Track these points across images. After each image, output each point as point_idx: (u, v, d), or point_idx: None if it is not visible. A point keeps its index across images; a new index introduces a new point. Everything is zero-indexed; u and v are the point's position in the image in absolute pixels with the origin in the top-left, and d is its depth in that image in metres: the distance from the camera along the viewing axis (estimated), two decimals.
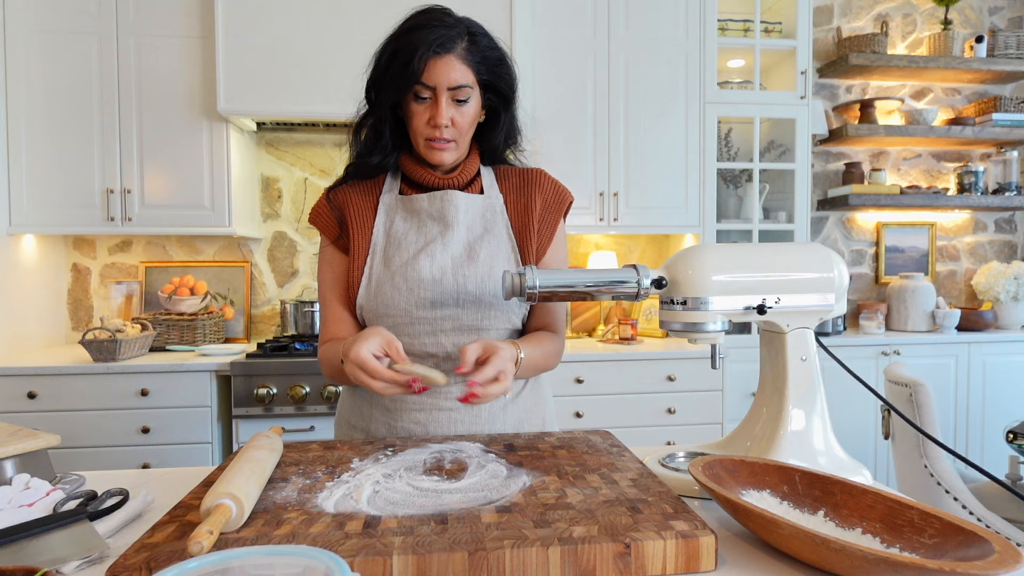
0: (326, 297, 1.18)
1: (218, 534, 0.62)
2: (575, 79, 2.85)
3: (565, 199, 1.21)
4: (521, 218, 1.17)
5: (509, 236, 1.16)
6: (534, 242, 1.16)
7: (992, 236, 3.67)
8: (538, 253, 1.17)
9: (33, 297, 2.73)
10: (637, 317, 3.08)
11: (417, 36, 1.03)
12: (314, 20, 2.51)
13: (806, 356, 0.90)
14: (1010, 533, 1.81)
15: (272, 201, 3.05)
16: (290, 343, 2.54)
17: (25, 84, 2.54)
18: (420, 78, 1.04)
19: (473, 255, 1.12)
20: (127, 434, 2.36)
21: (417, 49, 1.02)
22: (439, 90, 1.05)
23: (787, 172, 3.12)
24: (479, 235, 1.14)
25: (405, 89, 1.06)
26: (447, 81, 1.04)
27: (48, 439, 0.92)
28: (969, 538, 0.62)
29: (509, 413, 1.17)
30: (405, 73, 1.04)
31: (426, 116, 1.07)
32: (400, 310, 1.10)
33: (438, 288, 1.09)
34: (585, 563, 0.62)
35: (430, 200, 1.13)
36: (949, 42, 3.37)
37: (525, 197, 1.18)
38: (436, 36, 1.03)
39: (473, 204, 1.15)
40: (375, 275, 1.12)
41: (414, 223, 1.14)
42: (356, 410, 1.19)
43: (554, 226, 1.19)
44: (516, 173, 1.21)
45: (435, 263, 1.10)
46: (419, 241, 1.13)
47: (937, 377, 3.08)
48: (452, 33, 1.04)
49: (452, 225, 1.12)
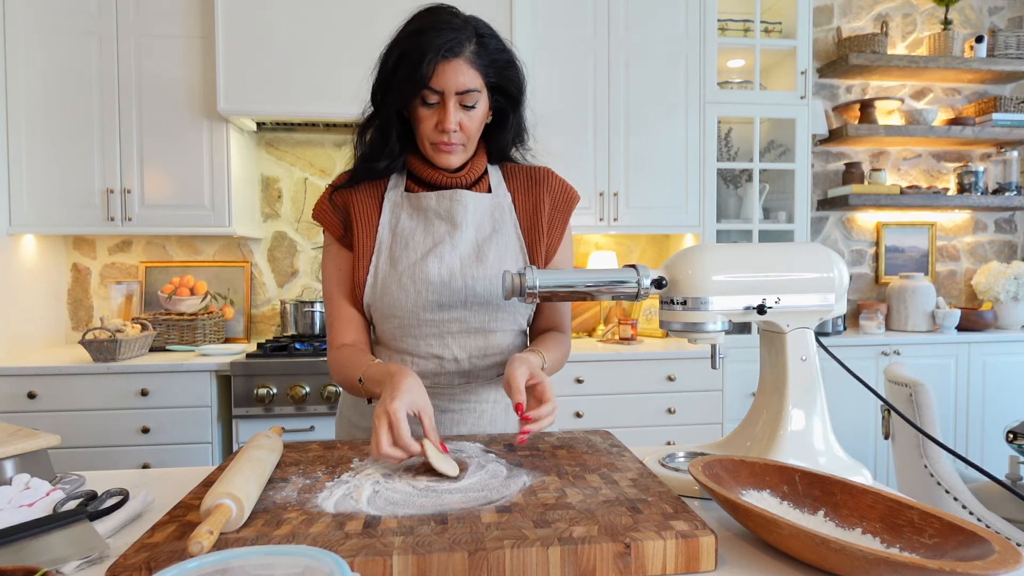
0: (332, 295, 1.16)
1: (218, 534, 0.62)
2: (575, 79, 2.84)
3: (573, 199, 1.20)
4: (530, 218, 1.16)
5: (518, 236, 1.15)
6: (544, 243, 1.15)
7: (992, 236, 3.67)
8: (547, 254, 1.16)
9: (33, 297, 2.73)
10: (637, 317, 3.08)
11: (425, 39, 1.00)
12: (314, 20, 2.51)
13: (806, 356, 0.90)
14: (1010, 533, 1.81)
15: (272, 201, 3.05)
16: (290, 343, 2.54)
17: (25, 84, 2.54)
18: (428, 83, 1.01)
19: (482, 256, 1.11)
20: (127, 434, 2.36)
21: (426, 54, 1.00)
22: (447, 95, 1.03)
23: (787, 172, 3.12)
24: (488, 235, 1.13)
25: (413, 94, 1.04)
26: (455, 86, 1.02)
27: (48, 439, 0.92)
28: (969, 538, 0.62)
29: (511, 415, 1.17)
30: (413, 78, 1.01)
31: (433, 120, 1.05)
32: (407, 311, 1.09)
33: (446, 290, 1.08)
34: (585, 563, 0.62)
35: (438, 199, 1.11)
36: (949, 42, 3.37)
37: (534, 197, 1.17)
38: (444, 40, 1.00)
39: (481, 203, 1.14)
40: (381, 275, 1.11)
41: (421, 221, 1.12)
42: (359, 409, 1.19)
43: (563, 227, 1.18)
44: (523, 172, 1.20)
45: (444, 264, 1.09)
46: (427, 241, 1.11)
47: (937, 377, 3.08)
48: (460, 36, 1.01)
49: (460, 225, 1.11)
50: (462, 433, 1.13)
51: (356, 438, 1.17)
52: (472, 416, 1.14)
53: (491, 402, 1.15)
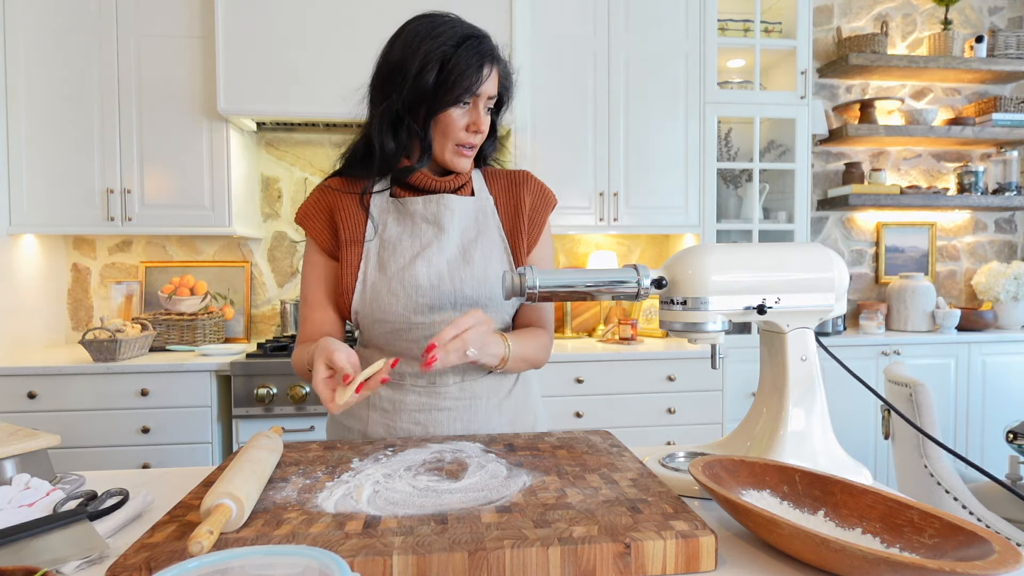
0: (310, 299, 1.17)
1: (218, 534, 0.62)
2: (575, 79, 2.84)
3: (551, 200, 1.24)
4: (512, 219, 1.19)
5: (501, 237, 1.18)
6: (524, 240, 1.18)
7: (992, 236, 3.67)
8: (527, 250, 1.19)
9: (33, 297, 2.73)
10: (637, 317, 3.08)
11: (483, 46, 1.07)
12: (314, 20, 2.51)
13: (806, 356, 0.90)
14: (1010, 533, 1.81)
15: (272, 201, 3.05)
16: (290, 343, 2.54)
17: (25, 84, 2.54)
18: (477, 89, 1.07)
19: (468, 258, 1.13)
20: (127, 434, 2.36)
21: (483, 59, 1.06)
22: (481, 98, 1.08)
23: (787, 172, 3.12)
24: (473, 238, 1.15)
25: (461, 98, 1.07)
26: (490, 91, 1.09)
27: (48, 439, 0.92)
28: (969, 538, 0.62)
29: (504, 410, 1.19)
30: (462, 83, 1.05)
31: (465, 122, 1.09)
32: (398, 316, 1.11)
33: (436, 293, 1.10)
34: (585, 563, 0.62)
35: (425, 203, 1.14)
36: (949, 42, 3.37)
37: (515, 198, 1.20)
38: (489, 47, 1.08)
39: (466, 207, 1.16)
40: (370, 281, 1.12)
41: (408, 226, 1.14)
42: (351, 413, 1.19)
43: (541, 225, 1.21)
44: (504, 175, 1.24)
45: (432, 268, 1.11)
46: (414, 246, 1.13)
47: (937, 377, 3.08)
48: (495, 46, 1.10)
49: (447, 228, 1.13)
50: (458, 430, 1.14)
51: (345, 437, 1.18)
52: (467, 413, 1.15)
53: (484, 398, 1.17)
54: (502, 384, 1.19)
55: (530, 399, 1.25)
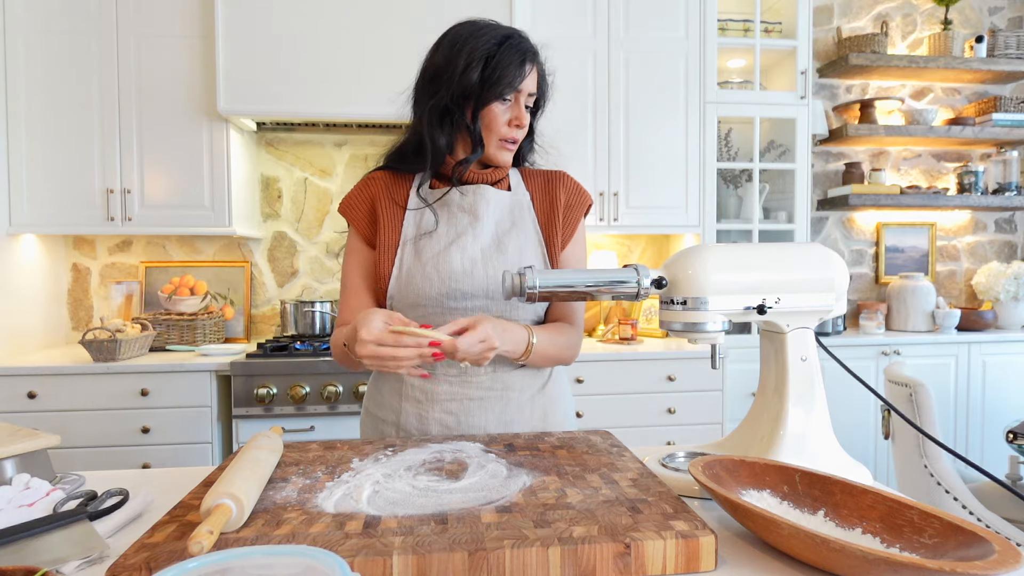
0: (349, 285, 1.22)
1: (218, 534, 0.62)
2: (575, 79, 2.85)
3: (586, 199, 1.27)
4: (547, 214, 1.22)
5: (536, 230, 1.21)
6: (559, 236, 1.21)
7: (992, 236, 3.67)
8: (562, 247, 1.22)
9: (33, 297, 2.73)
10: (637, 317, 3.08)
11: (523, 44, 1.13)
12: (314, 20, 2.50)
13: (806, 356, 0.90)
14: (1010, 533, 1.81)
15: (272, 201, 3.05)
16: (290, 343, 2.54)
17: (25, 84, 2.54)
18: (520, 85, 1.12)
19: (502, 247, 1.16)
20: (127, 434, 2.36)
21: (525, 56, 1.12)
22: (522, 94, 1.14)
23: (787, 172, 3.12)
24: (507, 228, 1.19)
25: (505, 93, 1.11)
26: (530, 87, 1.15)
27: (48, 439, 0.92)
28: (969, 538, 0.62)
29: (536, 405, 1.21)
30: (506, 79, 1.10)
31: (507, 117, 1.14)
32: (432, 300, 1.14)
33: (468, 279, 1.13)
34: (585, 563, 0.62)
35: (462, 194, 1.18)
36: (949, 42, 3.37)
37: (551, 195, 1.24)
38: (530, 45, 1.15)
39: (502, 199, 1.21)
40: (406, 266, 1.16)
41: (444, 215, 1.19)
42: (385, 404, 1.21)
43: (575, 222, 1.24)
44: (540, 174, 1.28)
45: (466, 255, 1.14)
46: (450, 233, 1.17)
47: (937, 377, 3.08)
48: (535, 45, 1.17)
49: (482, 218, 1.17)
50: (489, 420, 1.16)
51: (380, 432, 1.20)
52: (499, 404, 1.17)
53: (517, 390, 1.19)
54: (536, 378, 1.22)
55: (562, 395, 1.28)
